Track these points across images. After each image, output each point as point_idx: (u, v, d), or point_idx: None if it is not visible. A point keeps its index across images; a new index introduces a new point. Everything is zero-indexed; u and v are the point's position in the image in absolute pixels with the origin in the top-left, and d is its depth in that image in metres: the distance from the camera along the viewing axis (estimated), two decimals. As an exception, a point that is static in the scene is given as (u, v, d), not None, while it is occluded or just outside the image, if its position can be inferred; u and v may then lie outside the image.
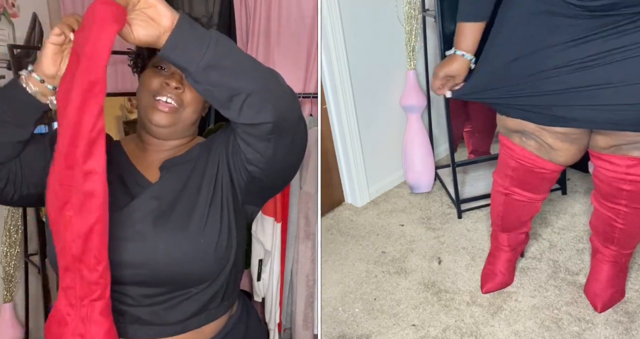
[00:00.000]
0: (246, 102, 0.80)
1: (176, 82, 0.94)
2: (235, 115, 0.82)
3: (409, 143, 2.45)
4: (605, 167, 1.49)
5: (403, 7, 2.32)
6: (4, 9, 1.86)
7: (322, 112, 2.25)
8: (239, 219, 0.98)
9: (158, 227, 0.89)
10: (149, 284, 0.89)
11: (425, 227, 2.24)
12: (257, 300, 1.99)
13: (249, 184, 0.95)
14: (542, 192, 1.69)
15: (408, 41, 2.36)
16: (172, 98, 0.94)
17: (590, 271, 1.76)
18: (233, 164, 0.94)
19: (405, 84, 2.43)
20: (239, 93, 0.79)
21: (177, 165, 0.97)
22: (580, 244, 2.01)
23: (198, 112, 1.00)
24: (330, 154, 2.38)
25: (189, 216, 0.91)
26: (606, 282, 1.70)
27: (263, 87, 0.81)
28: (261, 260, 1.94)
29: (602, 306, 1.68)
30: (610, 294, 1.69)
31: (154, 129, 0.97)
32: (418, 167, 2.45)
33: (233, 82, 0.79)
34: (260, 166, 0.90)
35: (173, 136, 1.00)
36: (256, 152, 0.87)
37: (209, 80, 0.78)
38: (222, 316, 0.99)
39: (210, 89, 0.79)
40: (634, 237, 1.62)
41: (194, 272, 0.90)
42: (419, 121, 2.44)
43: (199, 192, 0.94)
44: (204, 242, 0.90)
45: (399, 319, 1.75)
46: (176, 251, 0.88)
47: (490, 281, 1.84)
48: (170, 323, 0.92)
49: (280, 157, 0.89)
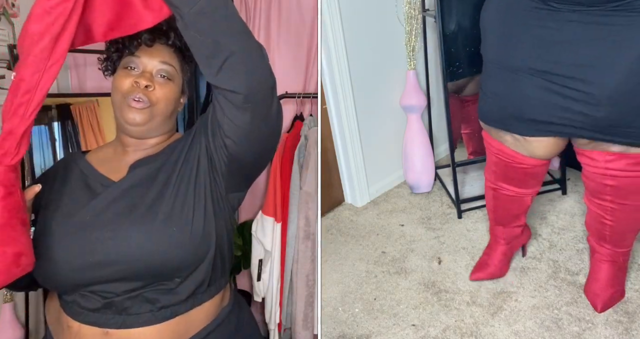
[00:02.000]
0: (226, 62, 0.82)
1: (146, 80, 0.95)
2: (214, 73, 0.84)
3: (409, 143, 2.45)
4: (587, 163, 1.52)
5: (403, 7, 2.32)
6: (4, 9, 1.86)
7: (322, 112, 2.25)
8: (220, 207, 0.98)
9: (127, 222, 0.90)
10: (130, 279, 0.90)
11: (425, 227, 2.24)
12: (257, 300, 1.99)
13: (229, 165, 0.95)
14: (530, 187, 1.71)
15: (408, 41, 2.36)
16: (142, 97, 0.95)
17: (590, 271, 1.77)
18: (213, 145, 0.95)
19: (405, 84, 2.43)
20: (222, 50, 0.82)
21: (147, 163, 0.98)
22: (580, 244, 2.01)
23: (171, 106, 1.01)
24: (330, 154, 2.38)
25: (156, 207, 0.91)
26: (606, 282, 1.70)
27: (246, 51, 0.84)
28: (261, 260, 1.94)
29: (602, 306, 1.68)
30: (610, 294, 1.69)
31: (130, 129, 0.98)
32: (418, 167, 2.45)
33: (220, 36, 0.82)
34: (236, 139, 0.91)
35: (150, 133, 1.01)
36: (232, 122, 0.89)
37: (197, 27, 0.81)
38: (211, 301, 0.99)
39: (197, 37, 0.82)
40: (624, 234, 1.63)
41: (171, 262, 0.90)
42: (419, 121, 2.44)
43: (168, 182, 0.94)
44: (177, 230, 0.90)
45: (399, 319, 1.75)
46: (148, 243, 0.89)
47: (482, 270, 1.88)
48: (159, 310, 0.92)
49: (256, 129, 0.91)
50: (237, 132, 0.90)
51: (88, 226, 0.91)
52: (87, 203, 0.94)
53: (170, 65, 0.99)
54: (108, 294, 0.90)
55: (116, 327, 0.91)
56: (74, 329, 0.92)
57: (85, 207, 0.93)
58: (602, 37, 1.32)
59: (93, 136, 1.96)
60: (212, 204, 0.96)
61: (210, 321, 0.99)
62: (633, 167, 1.44)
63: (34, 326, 1.99)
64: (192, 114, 2.10)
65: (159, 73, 0.98)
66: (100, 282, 0.89)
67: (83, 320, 0.91)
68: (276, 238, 1.89)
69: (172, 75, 0.99)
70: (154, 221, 0.90)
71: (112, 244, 0.89)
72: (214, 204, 0.96)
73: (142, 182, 0.95)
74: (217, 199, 0.97)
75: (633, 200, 1.51)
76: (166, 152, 1.00)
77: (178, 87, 1.02)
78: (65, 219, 0.93)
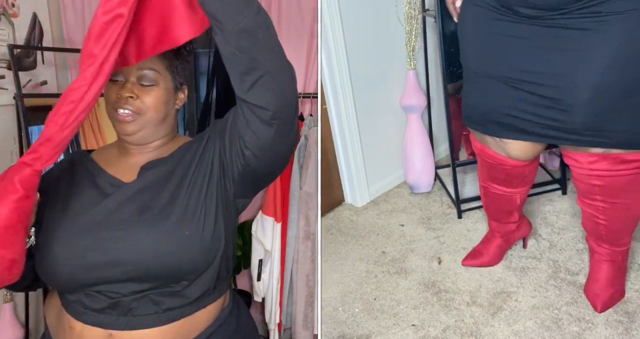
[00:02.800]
0: (260, 80, 0.83)
1: (127, 91, 0.94)
2: (245, 89, 0.85)
3: (409, 143, 2.45)
4: (573, 164, 1.54)
5: (403, 7, 2.32)
6: (4, 9, 1.86)
7: (322, 112, 2.24)
8: (228, 211, 0.98)
9: (138, 224, 0.90)
10: (138, 280, 0.90)
11: (425, 227, 2.24)
12: (257, 300, 1.99)
13: (243, 174, 0.95)
14: (515, 186, 1.74)
15: (408, 41, 2.36)
16: (128, 108, 0.94)
17: (590, 271, 1.77)
18: (229, 153, 0.94)
19: (405, 84, 2.43)
20: (258, 68, 0.83)
21: (159, 165, 0.98)
22: (580, 244, 2.01)
23: (162, 111, 0.98)
24: (330, 154, 2.38)
25: (169, 210, 0.91)
26: (605, 282, 1.70)
27: (280, 71, 0.86)
28: (261, 260, 1.94)
29: (602, 305, 1.68)
30: (610, 294, 1.70)
31: (126, 138, 0.98)
32: (418, 167, 2.45)
33: (258, 55, 0.82)
34: (256, 151, 0.91)
35: (147, 138, 0.99)
36: (255, 134, 0.89)
37: (238, 44, 0.81)
38: (214, 304, 0.99)
39: (236, 53, 0.82)
40: (619, 232, 1.63)
41: (181, 265, 0.90)
42: (419, 121, 2.44)
43: (181, 186, 0.94)
44: (189, 234, 0.90)
45: (399, 319, 1.75)
46: (159, 245, 0.89)
47: (475, 258, 1.94)
48: (164, 312, 0.92)
49: (277, 144, 0.91)
50: (258, 145, 0.90)
51: (98, 226, 0.90)
52: (97, 203, 0.93)
53: (151, 70, 0.96)
54: (115, 295, 0.90)
55: (120, 328, 0.90)
56: (77, 330, 0.91)
57: (96, 207, 0.93)
58: (568, 44, 1.34)
59: (93, 136, 1.96)
60: (222, 209, 0.96)
61: (212, 322, 0.99)
62: (617, 167, 1.44)
63: (34, 326, 1.99)
64: (192, 114, 2.10)
65: (140, 81, 0.96)
66: (108, 282, 0.89)
67: (86, 321, 0.91)
68: (276, 238, 1.89)
69: (155, 80, 0.96)
70: (165, 223, 0.90)
71: (122, 245, 0.88)
72: (223, 209, 0.96)
73: (155, 185, 0.95)
74: (225, 204, 0.97)
75: (623, 198, 1.52)
76: (177, 155, 0.99)
77: (166, 89, 0.98)
78: (75, 219, 0.92)
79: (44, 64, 1.99)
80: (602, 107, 1.35)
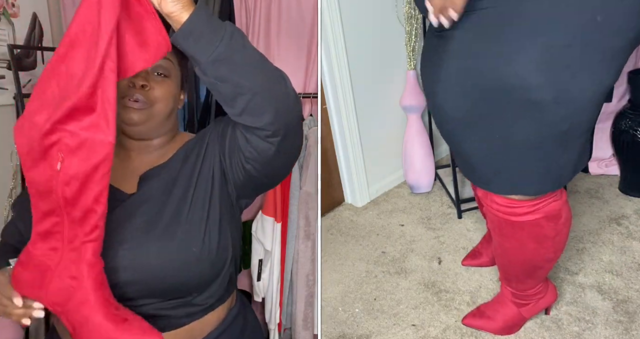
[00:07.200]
0: (250, 103, 0.79)
1: (142, 80, 0.92)
2: (237, 114, 0.82)
3: (409, 143, 2.45)
4: None
5: (403, 7, 2.32)
6: (4, 9, 1.86)
7: (322, 112, 2.25)
8: (233, 215, 0.97)
9: (144, 242, 0.87)
10: (147, 297, 0.89)
11: (425, 227, 2.24)
12: (257, 300, 1.99)
13: (245, 183, 0.94)
14: None
15: (408, 41, 2.36)
16: (139, 97, 0.92)
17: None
18: (229, 164, 0.92)
19: (405, 84, 2.43)
20: (244, 92, 0.79)
21: (158, 174, 0.95)
22: (580, 244, 2.01)
23: (170, 105, 0.97)
24: (330, 154, 2.38)
25: (174, 227, 0.89)
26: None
27: (268, 89, 0.81)
28: (261, 260, 1.93)
29: None
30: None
31: (128, 129, 0.94)
32: (418, 167, 2.45)
33: (240, 80, 0.78)
34: (257, 166, 0.89)
35: (151, 133, 0.97)
36: (255, 151, 0.86)
37: (216, 74, 0.78)
38: (223, 305, 0.99)
39: (217, 84, 0.79)
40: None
41: (190, 280, 0.89)
42: (419, 121, 2.44)
43: (184, 198, 0.92)
44: (196, 250, 0.89)
45: (399, 319, 1.75)
46: (168, 265, 0.87)
47: (474, 258, 1.97)
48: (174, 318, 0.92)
49: (279, 160, 0.89)
50: (259, 159, 0.88)
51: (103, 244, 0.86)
52: None
53: (167, 60, 0.95)
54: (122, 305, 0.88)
55: None
56: None
57: None
58: (436, 60, 1.26)
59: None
60: (227, 216, 0.95)
61: (220, 322, 0.99)
62: (496, 207, 1.39)
63: (34, 326, 1.99)
64: (192, 114, 2.10)
65: (155, 70, 0.94)
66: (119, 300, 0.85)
67: None
68: (276, 238, 1.88)
69: (169, 70, 0.96)
70: (172, 241, 0.88)
71: (129, 265, 0.86)
72: (227, 216, 0.95)
73: (158, 197, 0.92)
74: (229, 209, 0.96)
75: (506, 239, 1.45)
76: (176, 160, 0.96)
77: (176, 83, 0.98)
78: None
79: (44, 64, 2.00)
80: (452, 138, 1.37)
